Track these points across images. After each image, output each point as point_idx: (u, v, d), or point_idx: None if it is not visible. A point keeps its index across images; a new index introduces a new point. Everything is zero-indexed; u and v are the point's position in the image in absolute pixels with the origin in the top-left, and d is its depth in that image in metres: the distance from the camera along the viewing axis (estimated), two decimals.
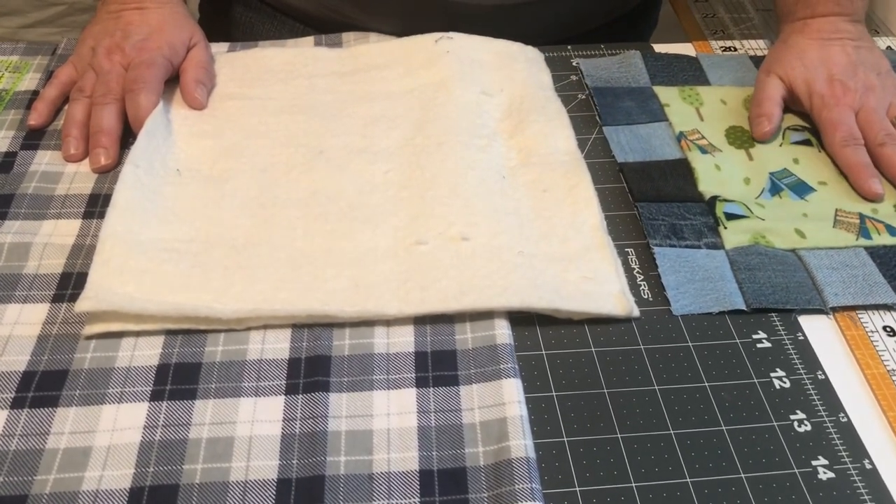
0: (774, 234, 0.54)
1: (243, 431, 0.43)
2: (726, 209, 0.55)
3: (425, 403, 0.44)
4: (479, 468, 0.42)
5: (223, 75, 0.65)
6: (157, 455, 0.42)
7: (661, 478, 0.42)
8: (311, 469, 0.41)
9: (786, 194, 0.57)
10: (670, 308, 0.50)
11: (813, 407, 0.45)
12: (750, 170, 0.59)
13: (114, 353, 0.46)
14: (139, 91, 0.59)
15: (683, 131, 0.62)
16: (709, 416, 0.44)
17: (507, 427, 0.42)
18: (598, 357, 0.47)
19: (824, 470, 0.42)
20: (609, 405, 0.45)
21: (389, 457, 0.42)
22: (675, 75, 0.68)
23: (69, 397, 0.44)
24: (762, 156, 0.60)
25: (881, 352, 0.48)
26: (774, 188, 0.58)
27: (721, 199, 0.56)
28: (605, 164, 0.60)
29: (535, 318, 0.49)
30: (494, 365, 0.46)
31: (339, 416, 0.44)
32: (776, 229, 0.54)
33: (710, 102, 0.65)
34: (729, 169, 0.59)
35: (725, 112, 0.64)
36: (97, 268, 0.48)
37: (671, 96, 0.65)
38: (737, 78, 0.68)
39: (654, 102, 0.65)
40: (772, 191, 0.58)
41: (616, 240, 0.54)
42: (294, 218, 0.53)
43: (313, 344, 0.47)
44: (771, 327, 0.49)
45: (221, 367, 0.46)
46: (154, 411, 0.44)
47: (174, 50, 0.63)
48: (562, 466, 0.42)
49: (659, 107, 0.64)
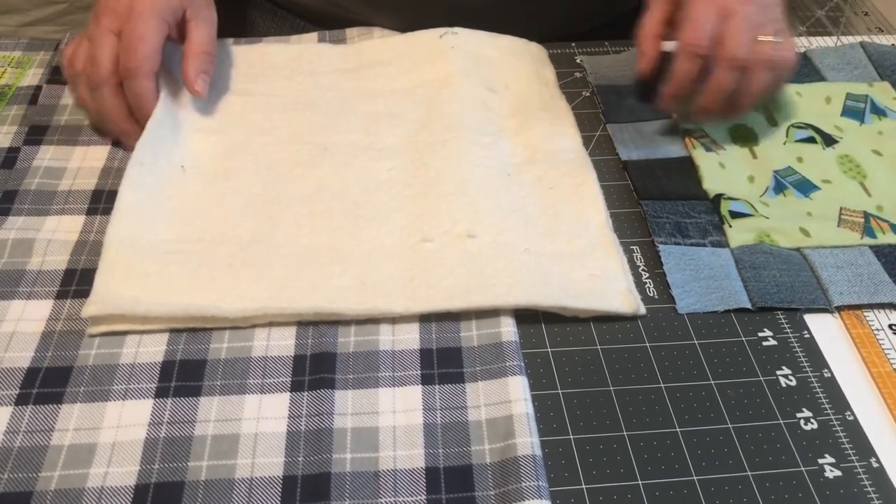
0: (779, 233, 0.54)
1: (248, 428, 0.43)
2: (731, 207, 0.55)
3: (431, 401, 0.44)
4: (486, 465, 0.41)
5: (228, 70, 0.64)
6: (162, 452, 0.42)
7: (668, 475, 0.42)
8: (316, 466, 0.41)
9: (790, 192, 0.57)
10: (676, 306, 0.50)
11: (819, 405, 0.45)
12: (754, 168, 0.59)
13: (118, 349, 0.46)
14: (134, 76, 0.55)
15: (688, 129, 0.62)
16: (715, 414, 0.44)
17: (513, 425, 0.42)
18: (603, 355, 0.47)
19: (831, 468, 0.42)
20: (615, 403, 0.45)
21: (395, 454, 0.42)
22: None
23: (73, 394, 0.44)
24: (766, 153, 0.60)
25: (887, 350, 0.48)
26: (779, 186, 0.58)
27: (726, 198, 0.56)
28: (610, 161, 0.60)
29: (541, 315, 0.49)
30: (500, 362, 0.45)
31: (345, 414, 0.43)
32: (781, 228, 0.54)
33: None
34: (733, 167, 0.59)
35: None
36: (103, 272, 0.48)
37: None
38: None
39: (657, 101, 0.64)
40: (776, 189, 0.57)
41: (621, 237, 0.54)
42: (299, 215, 0.53)
43: (318, 341, 0.47)
44: (777, 325, 0.49)
45: (226, 364, 0.46)
46: (159, 408, 0.43)
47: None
48: (568, 464, 0.42)
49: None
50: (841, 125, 0.63)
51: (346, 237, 0.51)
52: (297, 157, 0.57)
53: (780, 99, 0.64)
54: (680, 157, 0.60)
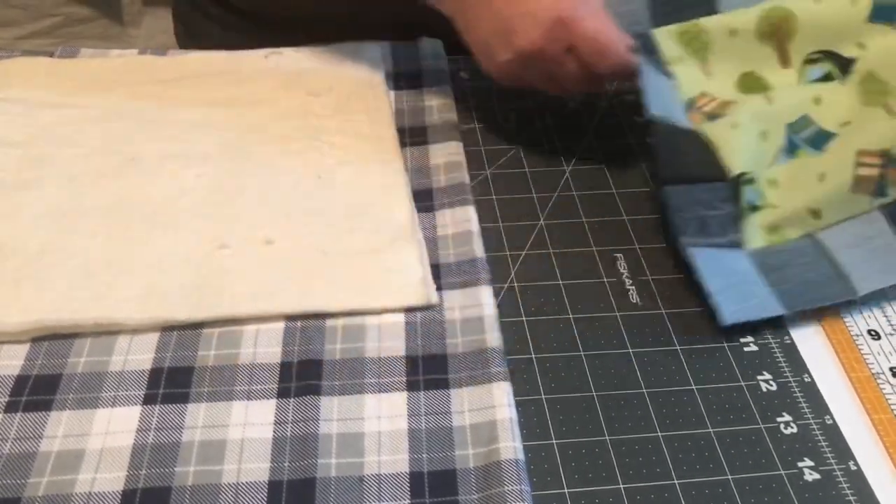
0: (788, 224, 0.53)
1: (235, 434, 0.43)
2: (748, 197, 0.53)
3: (416, 407, 0.45)
4: (469, 470, 0.42)
5: (43, 84, 0.64)
6: (149, 457, 0.42)
7: (649, 479, 0.42)
8: (302, 471, 0.42)
9: (803, 152, 0.55)
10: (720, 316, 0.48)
11: (799, 409, 0.46)
12: (768, 119, 0.55)
13: (107, 357, 0.47)
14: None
15: (692, 98, 0.58)
16: (696, 419, 0.45)
17: (496, 430, 0.43)
18: (587, 361, 0.48)
19: (810, 471, 0.43)
20: (598, 408, 0.45)
21: (380, 459, 0.42)
22: (680, 9, 0.60)
23: (63, 401, 0.44)
24: (780, 99, 0.56)
25: (866, 355, 0.48)
26: (791, 147, 0.55)
27: (744, 181, 0.53)
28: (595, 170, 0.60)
29: (526, 321, 0.49)
30: (485, 369, 0.46)
31: (331, 420, 0.44)
32: (789, 217, 0.53)
33: (717, 39, 0.59)
34: (747, 122, 0.55)
35: (736, 51, 0.59)
36: None
37: (672, 47, 0.59)
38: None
39: (657, 58, 0.58)
40: (788, 150, 0.55)
41: (605, 244, 0.54)
42: (95, 225, 0.53)
43: (305, 348, 0.47)
44: (758, 331, 0.50)
45: (214, 371, 0.46)
46: (147, 414, 0.44)
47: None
48: (551, 468, 0.43)
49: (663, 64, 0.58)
50: (865, 37, 0.57)
51: (139, 246, 0.52)
52: (103, 168, 0.57)
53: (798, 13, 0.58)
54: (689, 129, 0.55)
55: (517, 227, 0.56)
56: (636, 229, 0.56)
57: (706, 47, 0.59)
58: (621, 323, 0.50)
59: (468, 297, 0.50)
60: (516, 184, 0.59)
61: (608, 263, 0.53)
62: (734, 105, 0.56)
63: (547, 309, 0.51)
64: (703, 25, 0.59)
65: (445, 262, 0.52)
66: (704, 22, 0.59)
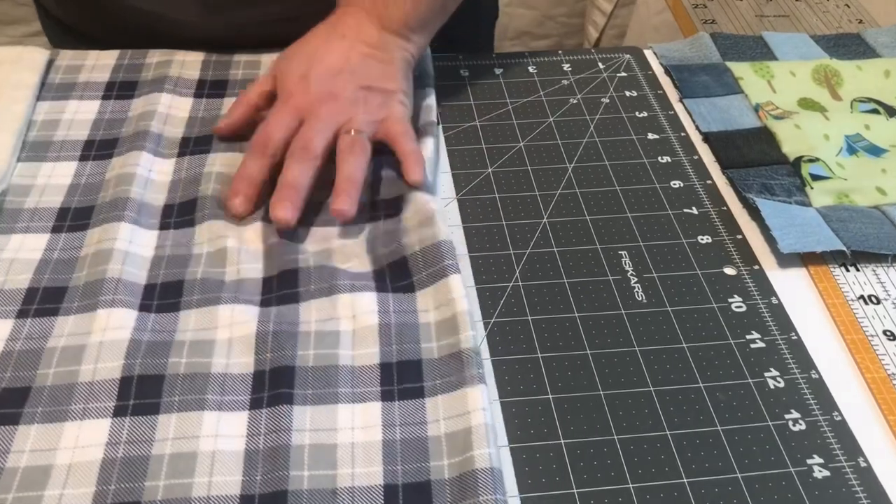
0: (857, 193, 0.57)
1: (206, 446, 0.42)
2: (811, 170, 0.58)
3: (390, 417, 0.44)
4: (444, 481, 0.41)
5: None
6: (119, 472, 0.41)
7: (658, 478, 0.42)
8: (274, 484, 0.40)
9: (862, 154, 0.61)
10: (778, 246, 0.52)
11: (807, 406, 0.45)
12: (828, 128, 0.62)
13: (76, 367, 0.45)
14: None
15: (759, 103, 0.65)
16: (704, 417, 0.45)
17: (471, 436, 0.42)
18: (593, 359, 0.47)
19: (819, 468, 0.43)
20: (605, 407, 0.45)
21: (354, 471, 0.41)
22: (743, 52, 0.71)
23: (31, 415, 0.43)
24: (836, 119, 0.63)
25: (882, 356, 0.48)
26: (851, 149, 0.61)
27: (805, 160, 0.59)
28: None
29: (531, 320, 0.49)
30: (459, 373, 0.45)
31: (303, 430, 0.43)
32: (858, 188, 0.58)
33: (780, 75, 0.68)
34: (808, 126, 0.62)
35: (795, 83, 0.67)
36: None
37: (744, 70, 0.69)
38: (801, 53, 0.71)
39: (728, 76, 0.68)
40: (849, 150, 0.61)
41: (609, 242, 0.54)
42: None
43: (278, 355, 0.46)
44: (764, 328, 0.49)
45: (185, 380, 0.45)
46: (117, 427, 0.42)
47: None
48: (559, 469, 0.42)
49: (733, 80, 0.68)
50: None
51: None
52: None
53: (844, 73, 0.68)
54: (756, 127, 0.63)
55: (520, 226, 0.56)
56: (640, 226, 0.56)
57: (771, 76, 0.68)
58: (627, 321, 0.50)
59: (440, 292, 0.49)
60: (519, 182, 0.59)
61: (613, 261, 0.53)
62: (797, 114, 0.64)
63: (552, 307, 0.50)
64: (768, 64, 0.70)
65: (412, 252, 0.51)
66: (769, 63, 0.70)
